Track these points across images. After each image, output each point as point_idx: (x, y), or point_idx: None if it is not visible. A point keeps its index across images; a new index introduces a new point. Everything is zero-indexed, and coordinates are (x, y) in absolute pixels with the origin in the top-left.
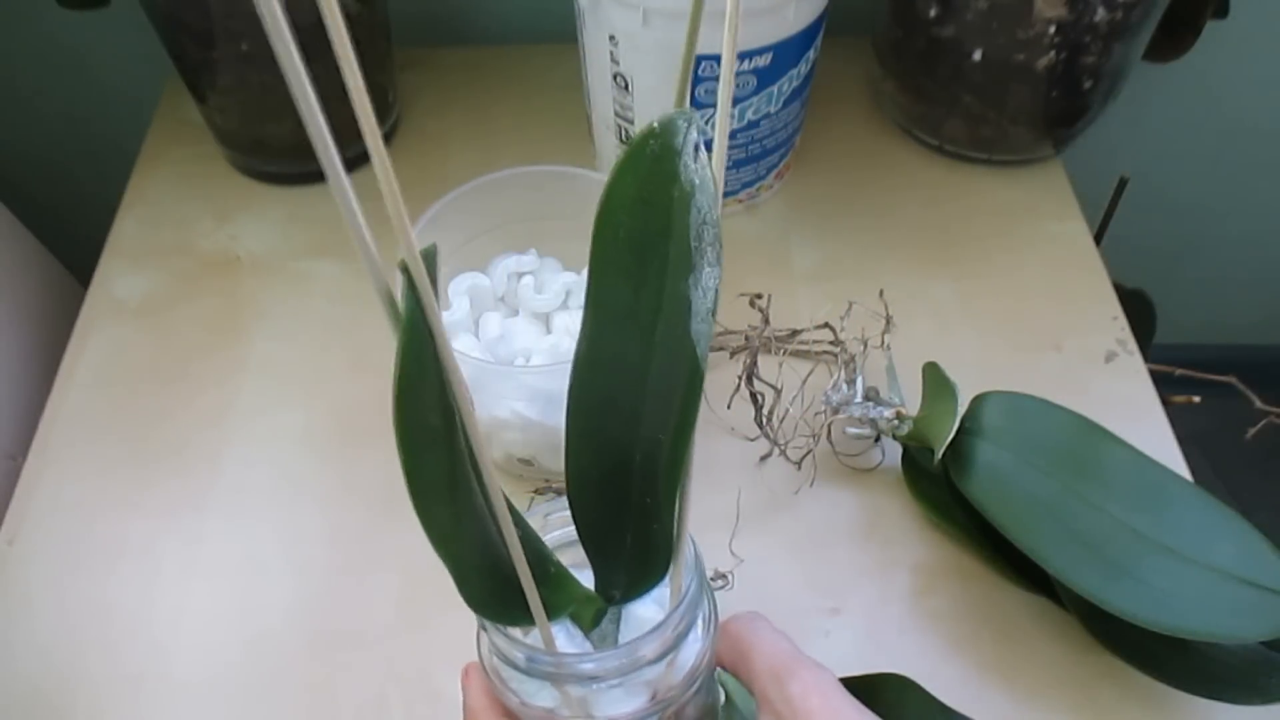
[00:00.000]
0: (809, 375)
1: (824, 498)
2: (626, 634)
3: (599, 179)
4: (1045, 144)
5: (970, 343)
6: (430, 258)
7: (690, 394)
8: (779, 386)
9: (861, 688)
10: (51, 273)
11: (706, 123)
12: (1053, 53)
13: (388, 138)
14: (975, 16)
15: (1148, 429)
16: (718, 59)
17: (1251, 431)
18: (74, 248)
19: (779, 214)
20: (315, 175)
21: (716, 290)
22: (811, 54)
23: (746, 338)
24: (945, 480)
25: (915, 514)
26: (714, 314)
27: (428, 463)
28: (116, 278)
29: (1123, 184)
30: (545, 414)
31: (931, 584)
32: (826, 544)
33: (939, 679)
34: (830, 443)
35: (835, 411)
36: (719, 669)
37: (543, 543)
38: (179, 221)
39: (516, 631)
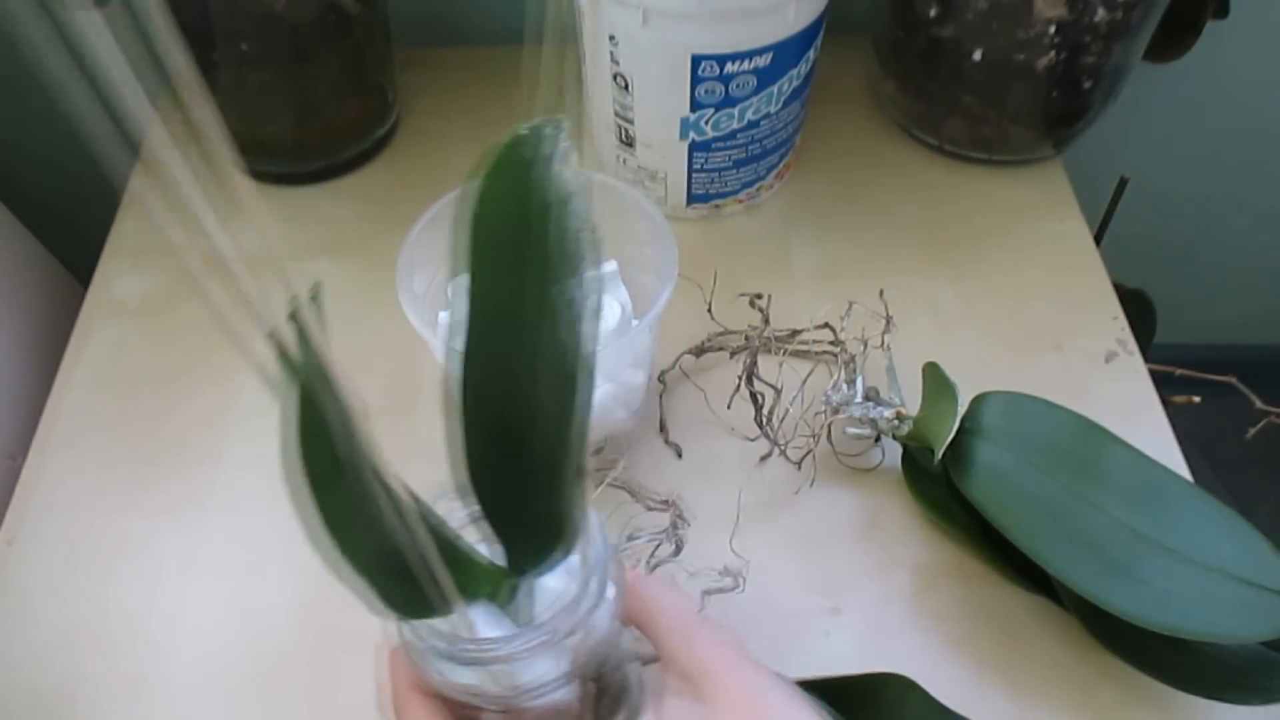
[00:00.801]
0: (809, 375)
1: (824, 498)
2: (540, 604)
3: (599, 179)
4: (1045, 144)
5: (970, 343)
6: (316, 289)
7: (582, 387)
8: (779, 386)
9: (862, 687)
10: (51, 273)
11: (707, 123)
12: (1053, 53)
13: (387, 138)
14: (975, 16)
15: (1148, 429)
16: (718, 59)
17: (1251, 431)
18: (74, 248)
19: (779, 214)
20: (315, 175)
21: (599, 295)
22: (811, 54)
23: (746, 338)
24: (945, 480)
25: (915, 514)
26: (598, 314)
27: (333, 496)
28: (116, 278)
29: (1123, 184)
30: None
31: (931, 584)
32: (826, 544)
33: (939, 679)
34: (830, 443)
35: (835, 411)
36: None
37: (450, 529)
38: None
39: (436, 620)
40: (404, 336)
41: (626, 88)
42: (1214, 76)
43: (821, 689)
